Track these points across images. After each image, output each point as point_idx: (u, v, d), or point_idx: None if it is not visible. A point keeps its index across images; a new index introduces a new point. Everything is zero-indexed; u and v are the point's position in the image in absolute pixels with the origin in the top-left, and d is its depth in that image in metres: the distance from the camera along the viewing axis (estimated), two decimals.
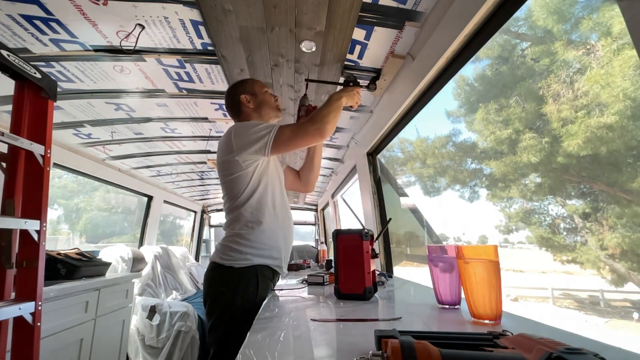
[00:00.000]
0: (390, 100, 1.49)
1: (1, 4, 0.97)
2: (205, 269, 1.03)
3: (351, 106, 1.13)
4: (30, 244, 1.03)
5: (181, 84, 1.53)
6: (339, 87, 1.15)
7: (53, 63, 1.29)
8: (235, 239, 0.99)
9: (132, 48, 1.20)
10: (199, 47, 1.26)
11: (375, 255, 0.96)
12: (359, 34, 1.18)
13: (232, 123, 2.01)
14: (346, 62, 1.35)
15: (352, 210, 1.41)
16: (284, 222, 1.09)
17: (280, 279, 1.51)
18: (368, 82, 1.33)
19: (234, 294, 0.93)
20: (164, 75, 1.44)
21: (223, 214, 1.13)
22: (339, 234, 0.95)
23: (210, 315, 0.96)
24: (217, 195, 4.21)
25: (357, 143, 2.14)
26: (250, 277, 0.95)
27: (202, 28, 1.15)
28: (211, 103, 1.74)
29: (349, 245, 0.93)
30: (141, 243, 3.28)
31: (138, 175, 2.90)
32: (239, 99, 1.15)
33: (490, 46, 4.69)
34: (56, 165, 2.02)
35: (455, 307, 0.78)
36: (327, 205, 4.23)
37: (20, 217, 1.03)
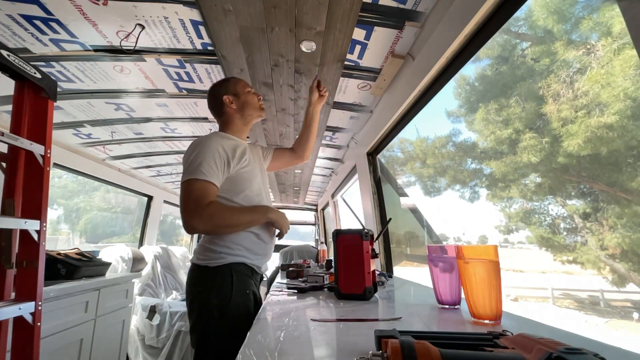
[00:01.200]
0: (390, 100, 1.49)
1: (1, 4, 0.97)
2: None
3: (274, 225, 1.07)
4: (30, 244, 1.03)
5: (181, 84, 1.53)
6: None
7: (53, 63, 1.29)
8: (211, 239, 1.00)
9: (132, 48, 1.20)
10: (199, 47, 1.26)
11: (375, 255, 0.96)
12: (359, 34, 1.18)
13: None
14: (346, 62, 1.35)
15: (352, 210, 1.42)
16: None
17: (279, 278, 1.50)
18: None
19: (210, 293, 0.93)
20: (164, 75, 1.44)
21: None
22: (339, 234, 0.95)
23: (190, 315, 0.96)
24: None
25: (357, 143, 2.14)
26: (225, 275, 0.95)
27: (202, 28, 1.15)
28: None
29: (349, 245, 0.93)
30: (141, 243, 3.28)
31: (138, 175, 2.90)
32: (222, 100, 1.11)
33: (490, 46, 4.68)
34: (56, 165, 2.02)
35: (455, 307, 0.78)
36: (327, 205, 4.23)
37: (20, 217, 1.03)
